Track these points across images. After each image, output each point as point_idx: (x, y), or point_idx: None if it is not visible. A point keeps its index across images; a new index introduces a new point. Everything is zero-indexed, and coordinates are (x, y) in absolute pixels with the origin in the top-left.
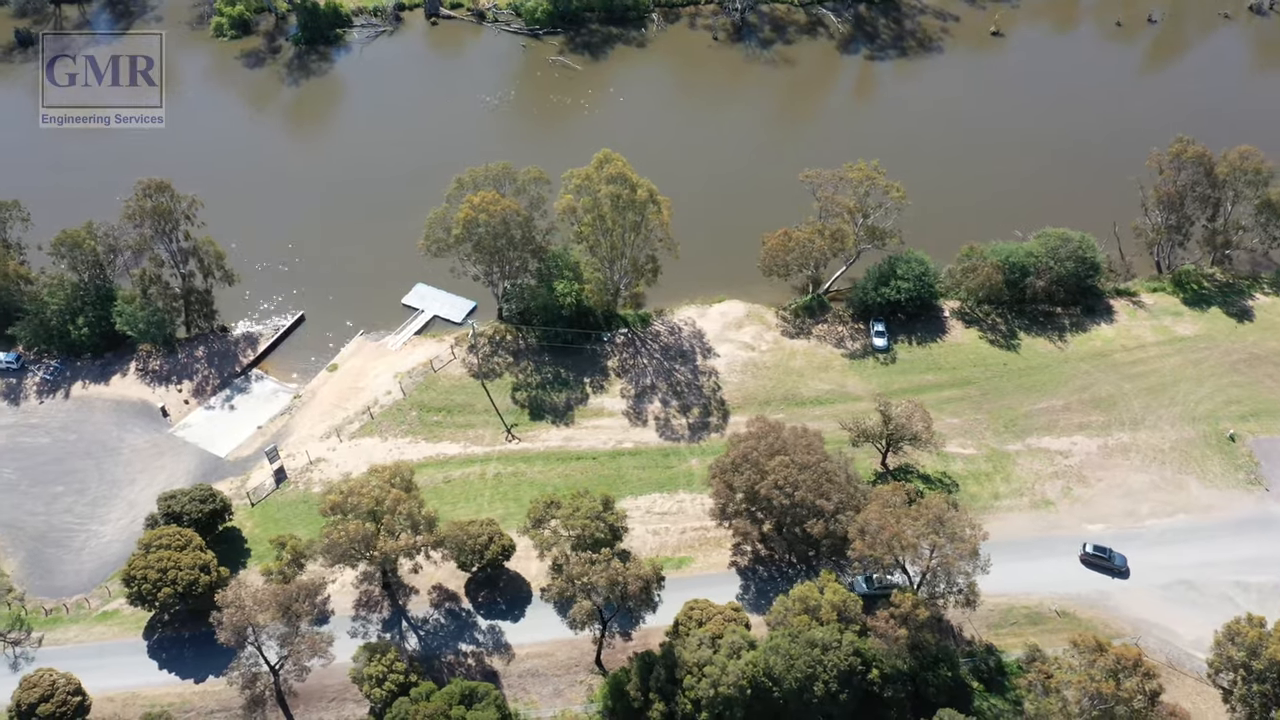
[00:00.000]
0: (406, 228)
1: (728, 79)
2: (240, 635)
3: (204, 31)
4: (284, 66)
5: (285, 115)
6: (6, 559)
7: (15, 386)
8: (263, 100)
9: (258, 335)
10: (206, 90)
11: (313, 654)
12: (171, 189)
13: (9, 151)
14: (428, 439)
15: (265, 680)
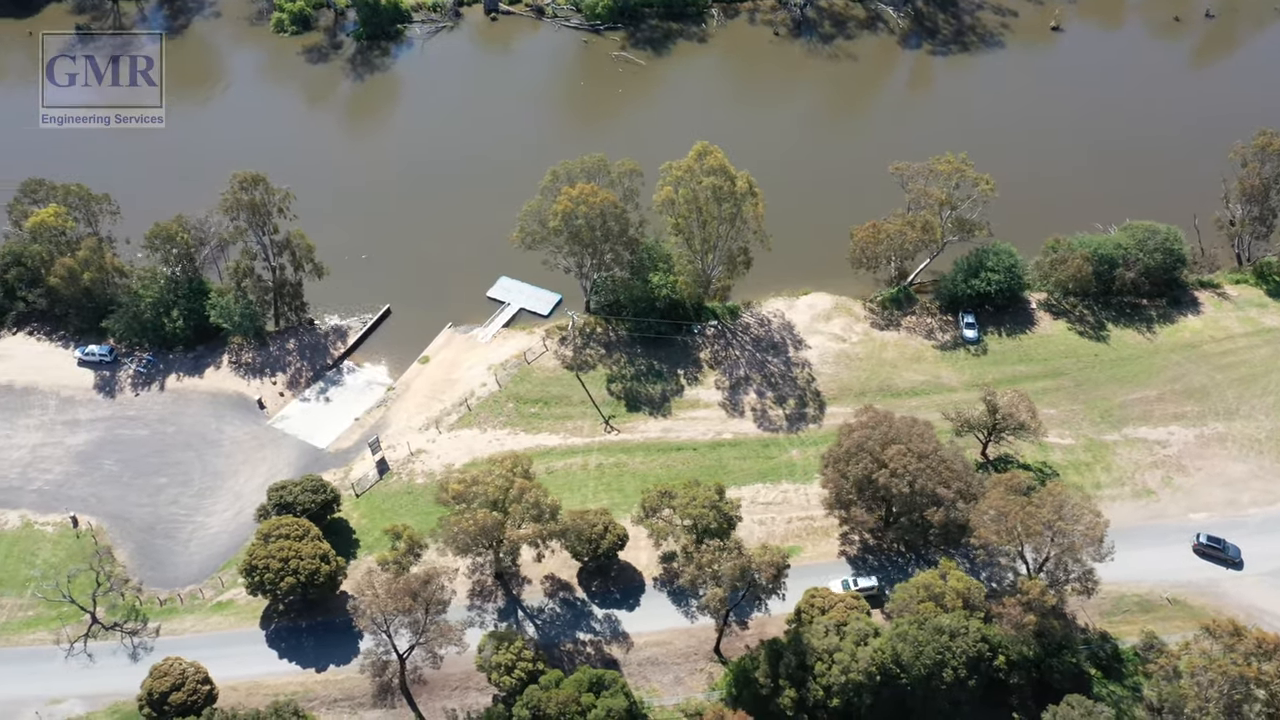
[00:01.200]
0: (485, 221)
1: (791, 73)
2: (377, 623)
3: (263, 27)
4: (347, 62)
5: (356, 110)
6: (116, 550)
7: (109, 379)
8: (332, 95)
9: (346, 328)
10: (273, 85)
11: (447, 642)
12: (266, 182)
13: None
14: (527, 430)
15: (393, 669)
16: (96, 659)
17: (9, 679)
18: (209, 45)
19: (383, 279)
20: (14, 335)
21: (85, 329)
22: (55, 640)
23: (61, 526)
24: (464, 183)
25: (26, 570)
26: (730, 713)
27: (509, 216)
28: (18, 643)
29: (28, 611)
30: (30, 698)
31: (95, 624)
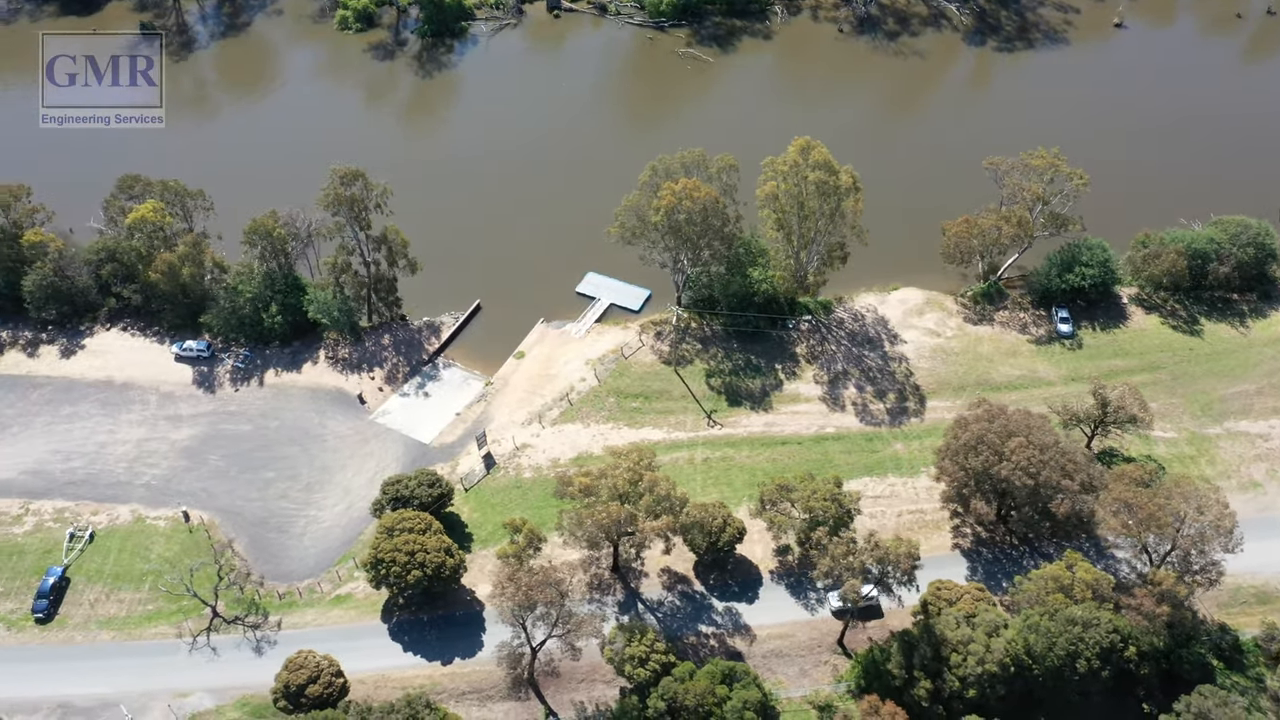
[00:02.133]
0: (566, 216)
1: (857, 70)
2: (517, 615)
3: (326, 25)
4: (413, 59)
5: (426, 106)
6: (232, 544)
7: (207, 374)
8: (402, 92)
9: (439, 324)
10: (339, 82)
11: (586, 634)
12: (365, 177)
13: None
14: (630, 425)
15: (525, 661)
16: (220, 652)
17: (135, 672)
18: (271, 43)
19: (470, 275)
20: (108, 331)
21: (179, 325)
22: (178, 634)
23: (173, 521)
24: (542, 179)
25: (142, 564)
26: (883, 704)
27: (590, 211)
28: (140, 636)
29: (147, 605)
30: (158, 691)
31: (216, 618)
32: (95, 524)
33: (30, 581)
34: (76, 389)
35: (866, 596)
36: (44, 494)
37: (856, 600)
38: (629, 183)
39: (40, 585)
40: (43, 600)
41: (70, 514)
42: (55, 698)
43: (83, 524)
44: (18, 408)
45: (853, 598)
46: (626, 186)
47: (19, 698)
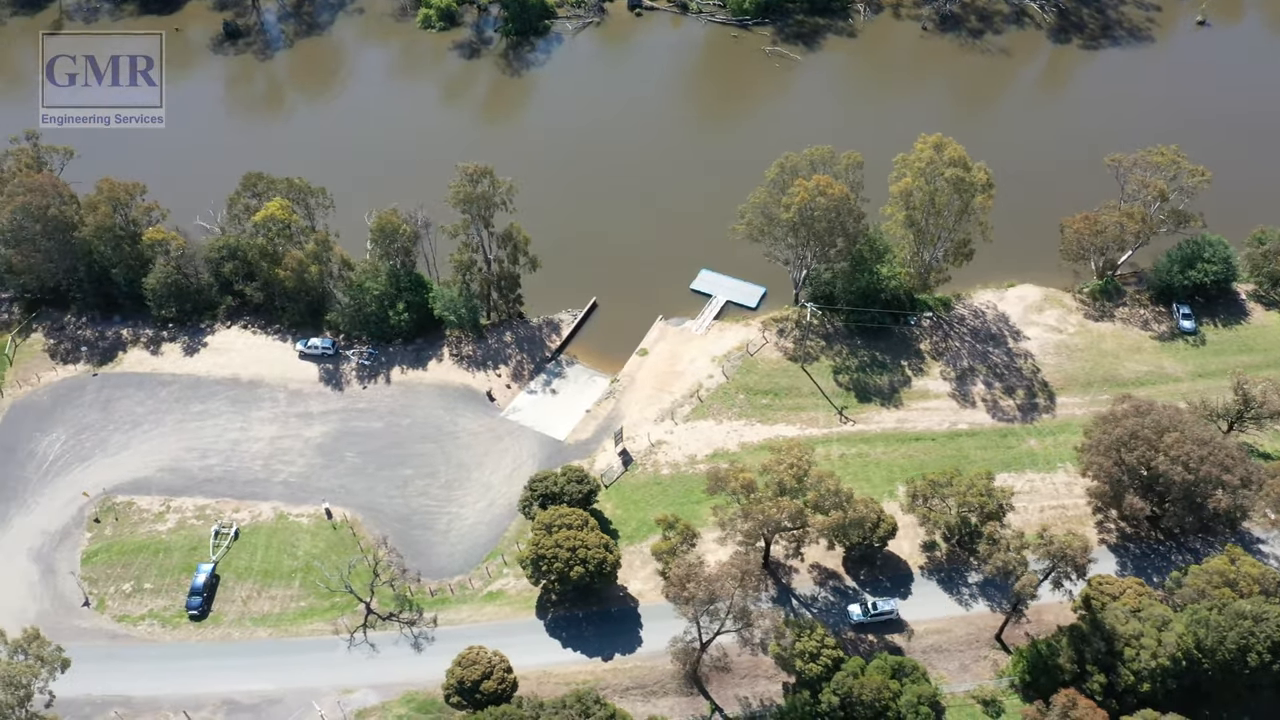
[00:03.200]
0: (676, 213)
1: (945, 67)
2: (700, 610)
3: (408, 24)
4: (500, 57)
5: (520, 105)
6: (374, 542)
7: (333, 372)
8: (495, 90)
9: (558, 321)
10: (426, 80)
11: (765, 630)
12: (492, 174)
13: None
14: (762, 421)
15: (696, 656)
16: (380, 649)
17: (297, 669)
18: (354, 42)
19: (582, 272)
20: (228, 329)
21: (299, 322)
22: (334, 631)
23: (315, 518)
24: (644, 176)
25: (289, 561)
26: (1081, 699)
27: (697, 208)
28: (296, 633)
29: (299, 602)
30: (321, 688)
31: (371, 614)
32: (238, 521)
33: (180, 579)
34: (204, 386)
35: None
36: (183, 491)
37: (1032, 594)
38: (730, 179)
39: (193, 583)
40: (197, 597)
41: (211, 511)
42: (219, 694)
43: (226, 521)
44: (147, 405)
45: (1029, 592)
46: (729, 183)
47: (183, 694)
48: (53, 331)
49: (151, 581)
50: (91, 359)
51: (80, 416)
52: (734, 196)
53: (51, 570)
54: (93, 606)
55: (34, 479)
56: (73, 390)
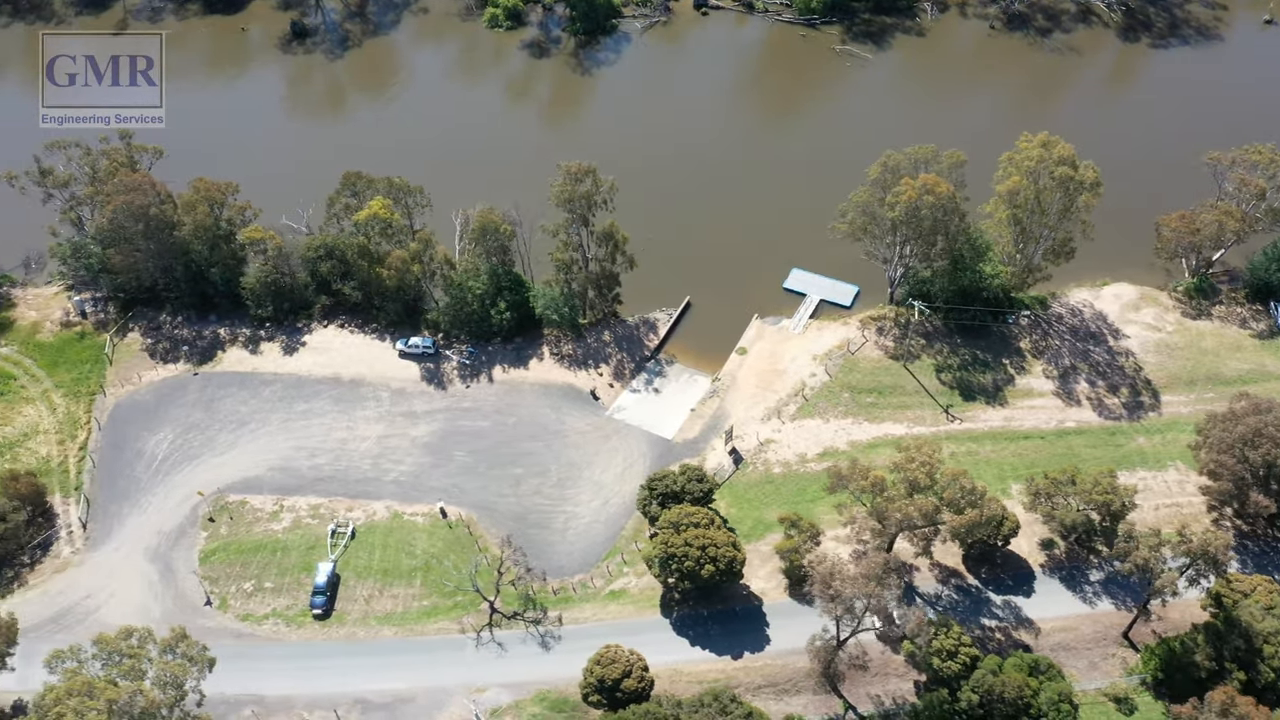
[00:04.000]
0: (763, 212)
1: (1014, 66)
2: (846, 607)
3: (473, 23)
4: (570, 56)
5: (593, 104)
6: (492, 541)
7: (434, 371)
8: (566, 89)
9: (654, 320)
10: (497, 79)
11: (915, 629)
12: (595, 173)
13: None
14: (869, 420)
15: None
16: (507, 648)
17: (426, 667)
18: (422, 41)
19: (674, 271)
20: (324, 328)
21: (396, 321)
22: (460, 629)
23: (430, 517)
24: (726, 174)
25: (408, 560)
26: (1239, 696)
27: (783, 207)
28: (421, 632)
29: (422, 601)
30: (452, 686)
31: (495, 614)
32: (352, 520)
33: (299, 578)
34: (306, 385)
35: None
36: (295, 490)
37: (1175, 592)
38: (809, 177)
39: (316, 582)
40: (320, 596)
41: (325, 510)
42: (350, 694)
43: (342, 520)
44: (251, 405)
45: (1170, 590)
46: (809, 181)
47: (315, 694)
48: (149, 331)
49: (272, 580)
50: (191, 358)
51: (185, 415)
52: (816, 194)
53: (170, 569)
54: (215, 606)
55: (144, 478)
56: (175, 389)
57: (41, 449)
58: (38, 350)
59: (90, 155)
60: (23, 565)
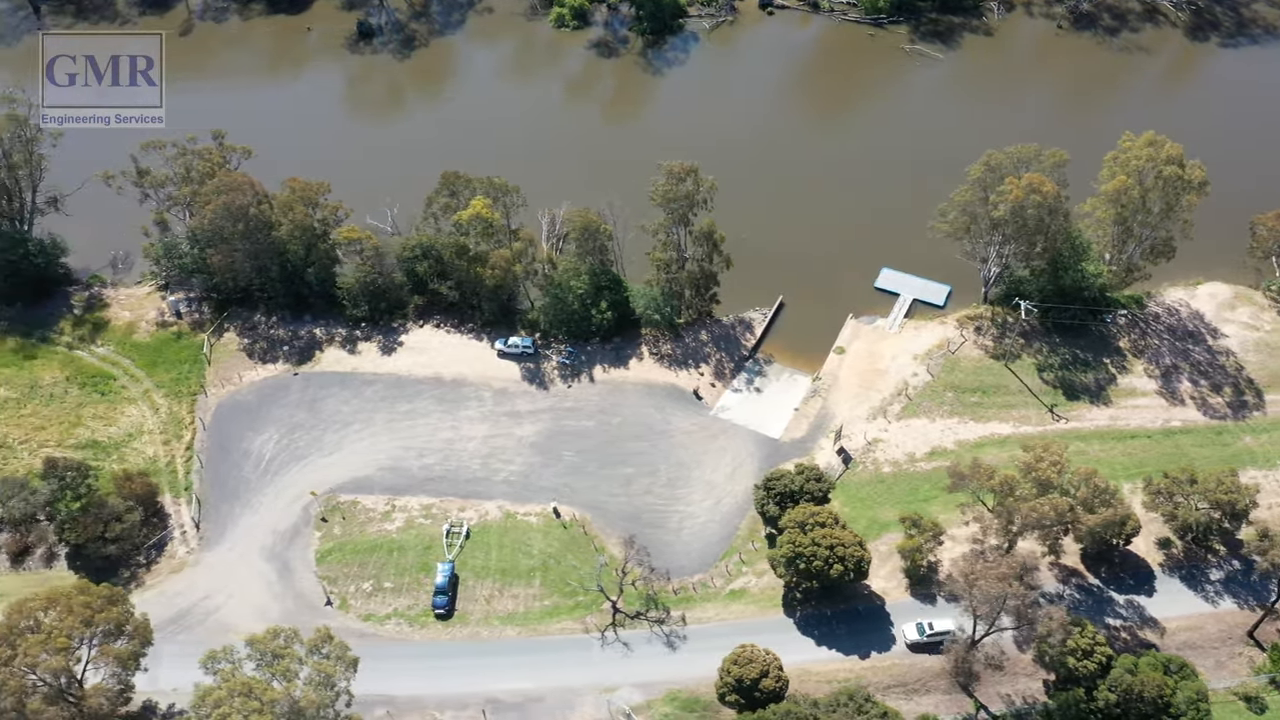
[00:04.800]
0: (843, 212)
1: (1082, 66)
2: (987, 606)
3: (539, 23)
4: (639, 55)
5: (668, 102)
6: (607, 540)
7: (535, 371)
8: (637, 88)
9: (750, 320)
10: (566, 77)
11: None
12: (696, 173)
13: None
14: (975, 419)
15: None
16: (633, 647)
17: (552, 667)
18: (483, 41)
19: (765, 271)
20: (420, 328)
21: (492, 321)
22: (584, 629)
23: (544, 517)
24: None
25: (526, 560)
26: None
27: (867, 206)
28: (545, 632)
29: (543, 601)
30: (580, 686)
31: (618, 613)
32: (465, 520)
33: (417, 578)
34: (408, 385)
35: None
36: (406, 490)
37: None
38: (895, 177)
39: (437, 582)
40: (442, 596)
41: (437, 510)
42: (481, 693)
43: (456, 520)
44: (353, 405)
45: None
46: (896, 181)
47: (444, 694)
48: (245, 331)
49: (391, 580)
50: (290, 358)
51: (288, 416)
52: (898, 194)
53: (288, 569)
54: (335, 606)
55: (253, 478)
56: (276, 389)
57: (148, 449)
58: (135, 350)
59: (185, 155)
60: (139, 565)
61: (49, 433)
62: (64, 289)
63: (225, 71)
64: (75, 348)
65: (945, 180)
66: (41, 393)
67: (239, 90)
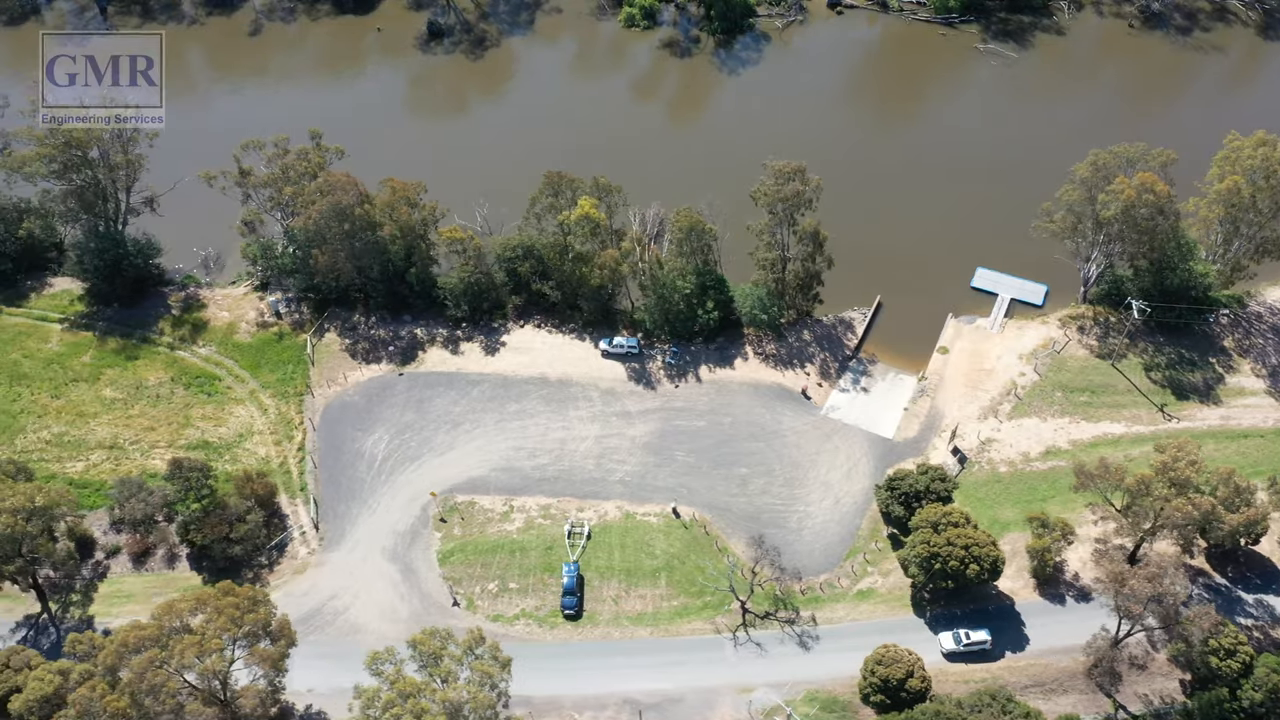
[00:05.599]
0: (933, 212)
1: (1159, 65)
2: (1137, 607)
3: (608, 22)
4: (712, 55)
5: (742, 102)
6: (729, 540)
7: (640, 370)
8: (710, 87)
9: (850, 319)
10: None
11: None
12: (803, 173)
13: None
14: (1086, 419)
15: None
16: (766, 648)
17: (687, 667)
18: (552, 41)
19: (859, 270)
20: (521, 328)
21: (593, 321)
22: (714, 630)
23: (663, 517)
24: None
25: (649, 561)
26: None
27: (956, 205)
28: (676, 632)
29: (671, 601)
30: (718, 686)
31: (748, 614)
32: (585, 520)
33: (542, 578)
34: (514, 385)
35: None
36: (522, 490)
37: None
38: (979, 177)
39: (566, 582)
40: (571, 597)
41: (556, 510)
42: (617, 694)
43: (576, 521)
44: (461, 405)
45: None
46: (983, 181)
47: (581, 694)
48: (345, 331)
49: (515, 581)
50: (393, 359)
51: (397, 416)
52: (985, 193)
53: (411, 570)
54: (463, 607)
55: (368, 478)
56: (382, 390)
57: (259, 450)
58: (237, 351)
59: (284, 154)
60: (261, 566)
61: (159, 433)
62: (159, 289)
63: (293, 71)
64: (177, 348)
65: (1030, 179)
66: (148, 393)
67: (307, 89)
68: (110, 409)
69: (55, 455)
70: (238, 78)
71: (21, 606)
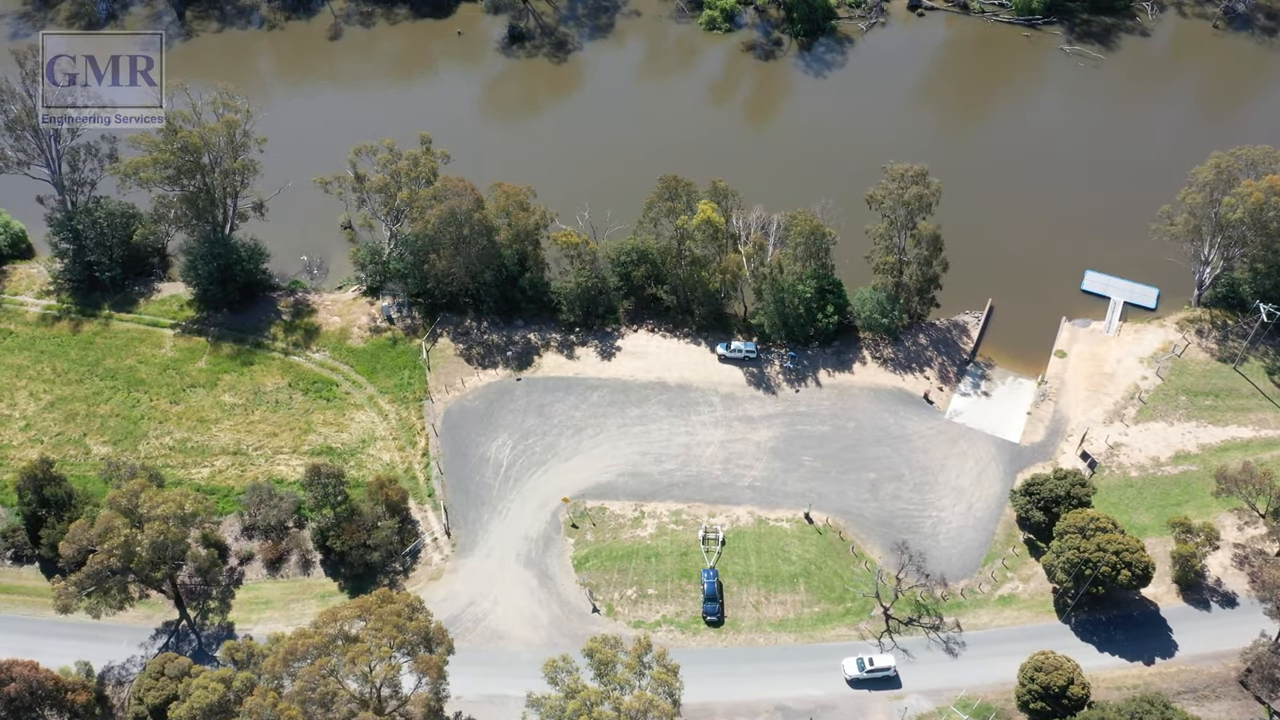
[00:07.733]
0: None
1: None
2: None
3: (687, 25)
4: (797, 58)
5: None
6: (865, 546)
7: (759, 375)
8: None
9: (964, 323)
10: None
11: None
12: (925, 176)
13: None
14: (1213, 423)
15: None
16: (913, 654)
17: (835, 674)
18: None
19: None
20: (635, 332)
21: (707, 325)
22: (859, 636)
23: (795, 523)
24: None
25: (786, 566)
26: None
27: (1056, 208)
28: (820, 639)
29: (812, 607)
30: (870, 693)
31: (890, 620)
32: (718, 526)
33: (680, 584)
34: (633, 390)
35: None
36: (651, 496)
37: None
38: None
39: (707, 589)
40: (712, 604)
41: (687, 516)
42: (769, 700)
43: (709, 527)
44: (582, 410)
45: None
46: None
47: (731, 700)
48: (458, 336)
49: (654, 587)
50: (509, 364)
51: (519, 421)
52: (1088, 194)
53: (548, 576)
54: (603, 613)
55: (495, 484)
56: (501, 395)
57: (383, 455)
58: (352, 356)
59: (396, 159)
60: (397, 573)
61: (282, 439)
62: (267, 294)
63: (373, 74)
64: (291, 353)
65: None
66: (266, 399)
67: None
68: (230, 414)
69: (180, 461)
70: (316, 80)
71: (160, 614)
